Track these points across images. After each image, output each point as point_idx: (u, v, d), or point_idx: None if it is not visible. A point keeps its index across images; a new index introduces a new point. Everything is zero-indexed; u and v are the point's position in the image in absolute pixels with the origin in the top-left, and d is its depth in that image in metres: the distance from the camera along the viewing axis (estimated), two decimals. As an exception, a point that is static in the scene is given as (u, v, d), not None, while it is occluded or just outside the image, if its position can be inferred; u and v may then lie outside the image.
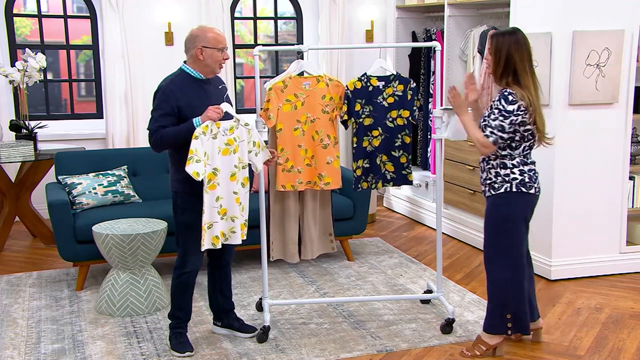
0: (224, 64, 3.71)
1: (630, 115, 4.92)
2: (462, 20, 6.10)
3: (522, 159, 3.64)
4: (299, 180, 4.12)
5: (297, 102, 4.07)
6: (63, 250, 4.78)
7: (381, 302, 4.51)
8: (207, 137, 3.55)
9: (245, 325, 4.05)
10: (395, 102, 4.12)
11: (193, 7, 6.90)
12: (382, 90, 4.10)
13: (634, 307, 4.44)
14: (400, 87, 4.12)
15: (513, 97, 3.53)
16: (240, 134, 3.68)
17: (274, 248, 4.29)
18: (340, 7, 7.23)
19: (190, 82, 3.66)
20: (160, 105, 3.60)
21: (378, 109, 4.11)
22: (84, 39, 6.99)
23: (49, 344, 3.96)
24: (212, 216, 3.61)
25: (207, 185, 3.57)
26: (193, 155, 3.50)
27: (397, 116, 4.13)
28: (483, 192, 3.79)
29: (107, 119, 6.73)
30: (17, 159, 5.60)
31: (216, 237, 3.63)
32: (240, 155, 3.68)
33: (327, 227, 4.37)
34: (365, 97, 4.10)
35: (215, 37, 3.63)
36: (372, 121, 4.12)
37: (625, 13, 4.76)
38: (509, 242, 3.68)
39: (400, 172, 4.20)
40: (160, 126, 3.59)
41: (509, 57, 3.56)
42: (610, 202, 4.98)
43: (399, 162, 4.19)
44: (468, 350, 3.77)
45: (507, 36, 3.59)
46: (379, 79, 4.11)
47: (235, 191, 3.67)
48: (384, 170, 4.19)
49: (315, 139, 4.11)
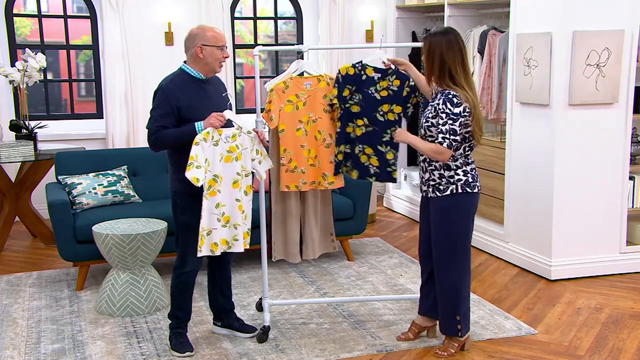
0: (224, 63, 3.71)
1: (630, 115, 4.92)
2: (462, 20, 6.10)
3: (464, 159, 3.65)
4: (303, 181, 4.12)
5: (298, 103, 4.07)
6: (63, 250, 4.78)
7: (381, 302, 4.51)
8: (208, 143, 3.55)
9: (245, 325, 4.05)
10: (388, 96, 4.00)
11: (193, 7, 6.90)
12: (376, 82, 3.99)
13: (634, 307, 4.44)
14: (396, 82, 4.00)
15: (458, 100, 3.51)
16: (242, 141, 3.68)
17: (276, 248, 4.29)
18: (340, 7, 7.24)
19: (190, 82, 3.65)
20: (159, 105, 3.60)
21: (368, 99, 3.99)
22: (84, 39, 6.99)
23: (49, 344, 3.96)
24: (212, 223, 3.61)
25: (207, 192, 3.57)
26: (193, 161, 3.50)
27: (388, 110, 4.00)
28: (424, 192, 3.77)
29: (107, 119, 6.73)
30: (17, 159, 5.60)
31: (215, 244, 3.63)
32: (243, 163, 3.68)
33: (328, 227, 4.37)
34: (356, 85, 3.99)
35: (215, 35, 3.63)
36: (359, 110, 4.00)
37: (625, 13, 4.76)
38: (461, 243, 3.70)
39: (385, 168, 4.07)
40: (161, 126, 3.58)
41: (442, 58, 3.53)
42: (610, 202, 4.98)
43: (384, 158, 4.05)
44: (443, 351, 3.79)
45: (438, 37, 3.56)
46: (375, 70, 4.01)
47: (237, 198, 3.66)
48: (368, 164, 4.06)
49: (317, 139, 4.11)
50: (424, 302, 3.94)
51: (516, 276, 5.06)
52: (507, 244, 5.38)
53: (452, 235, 3.68)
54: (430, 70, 3.60)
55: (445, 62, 3.53)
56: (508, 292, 4.74)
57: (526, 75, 4.98)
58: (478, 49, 5.78)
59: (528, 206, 5.11)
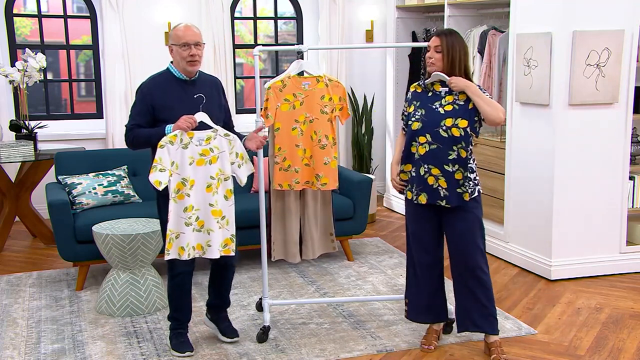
0: (193, 62, 3.56)
1: (630, 115, 4.92)
2: (462, 20, 6.10)
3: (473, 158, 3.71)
4: (296, 180, 4.12)
5: (295, 102, 4.07)
6: (63, 250, 4.78)
7: (381, 302, 4.51)
8: (176, 146, 3.49)
9: (229, 328, 3.94)
10: (453, 110, 3.62)
11: (193, 7, 6.90)
12: (442, 97, 3.67)
13: (634, 307, 4.44)
14: (462, 96, 3.63)
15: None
16: (219, 144, 3.59)
17: (275, 248, 4.29)
18: (340, 7, 7.23)
19: (173, 82, 3.62)
20: (136, 103, 3.60)
21: (430, 114, 3.64)
22: (84, 39, 6.99)
23: (49, 344, 3.96)
24: (179, 226, 3.52)
25: (176, 195, 3.51)
26: (157, 164, 3.47)
27: (452, 125, 3.58)
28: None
29: (107, 119, 6.73)
30: (17, 159, 5.60)
31: (182, 248, 3.54)
32: (221, 167, 3.59)
33: (328, 227, 4.37)
34: (421, 101, 3.72)
35: (178, 33, 3.58)
36: (420, 126, 3.64)
37: (625, 13, 4.76)
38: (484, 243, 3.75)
39: (455, 190, 3.61)
40: (135, 124, 3.58)
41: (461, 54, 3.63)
42: (610, 202, 4.98)
43: (453, 178, 3.60)
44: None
45: (455, 35, 3.65)
46: (442, 85, 3.69)
47: (211, 203, 3.56)
48: (437, 186, 3.63)
49: (313, 139, 4.11)
50: (434, 310, 3.87)
51: (516, 276, 5.06)
52: (507, 244, 5.38)
53: (482, 238, 3.70)
54: (451, 64, 3.63)
55: (462, 59, 3.63)
56: (508, 292, 4.75)
57: (526, 75, 4.98)
58: (478, 49, 5.78)
59: (528, 206, 5.11)
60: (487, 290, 3.70)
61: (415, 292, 3.85)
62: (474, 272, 3.67)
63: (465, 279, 3.69)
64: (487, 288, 3.70)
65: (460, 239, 3.67)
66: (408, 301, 3.89)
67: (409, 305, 3.89)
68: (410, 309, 3.88)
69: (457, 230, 3.67)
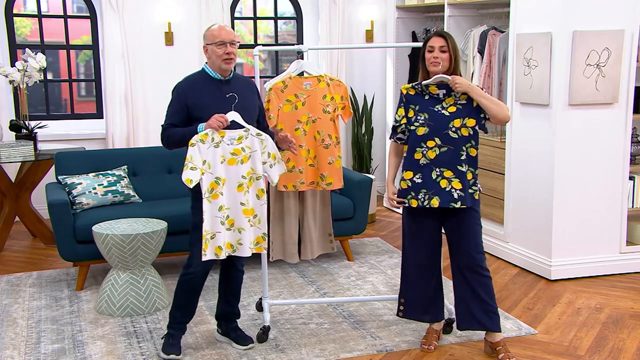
0: (228, 59, 3.58)
1: (630, 115, 4.92)
2: (462, 20, 6.10)
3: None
4: (301, 181, 4.12)
5: (297, 102, 4.07)
6: (63, 250, 4.78)
7: (381, 302, 4.51)
8: (207, 145, 3.49)
9: (242, 336, 3.91)
10: (457, 110, 3.61)
11: (193, 7, 6.90)
12: (441, 100, 3.65)
13: (634, 307, 4.44)
14: (463, 96, 3.63)
15: None
16: (251, 143, 3.59)
17: (274, 248, 4.29)
18: (340, 7, 7.24)
19: (208, 82, 3.63)
20: (172, 103, 3.63)
21: (436, 118, 3.61)
22: (84, 39, 6.99)
23: (49, 344, 3.96)
24: (215, 226, 3.53)
25: (210, 195, 3.52)
26: (188, 163, 3.47)
27: (461, 125, 3.59)
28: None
29: (107, 119, 6.73)
30: (17, 159, 5.60)
31: (219, 247, 3.54)
32: (252, 166, 3.59)
33: (327, 227, 4.37)
34: (419, 104, 3.67)
35: (212, 32, 3.60)
36: (428, 130, 3.61)
37: (625, 13, 4.76)
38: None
39: (467, 190, 3.61)
40: (171, 124, 3.60)
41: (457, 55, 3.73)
42: (610, 202, 4.98)
43: (465, 178, 3.61)
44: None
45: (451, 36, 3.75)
46: (439, 87, 3.66)
47: (242, 202, 3.57)
48: (450, 188, 3.60)
49: (317, 139, 4.11)
50: (435, 310, 3.87)
51: (516, 276, 5.06)
52: (507, 244, 5.38)
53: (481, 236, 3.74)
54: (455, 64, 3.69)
55: (459, 59, 3.74)
56: (508, 292, 4.75)
57: (526, 75, 4.98)
58: (478, 49, 5.78)
59: (528, 206, 5.12)
60: (489, 287, 3.71)
61: (414, 292, 3.85)
62: (475, 270, 3.68)
63: (467, 277, 3.70)
64: (489, 285, 3.71)
65: (464, 237, 3.68)
66: (404, 300, 3.89)
67: (406, 305, 3.89)
68: (409, 309, 3.88)
69: (460, 229, 3.69)
